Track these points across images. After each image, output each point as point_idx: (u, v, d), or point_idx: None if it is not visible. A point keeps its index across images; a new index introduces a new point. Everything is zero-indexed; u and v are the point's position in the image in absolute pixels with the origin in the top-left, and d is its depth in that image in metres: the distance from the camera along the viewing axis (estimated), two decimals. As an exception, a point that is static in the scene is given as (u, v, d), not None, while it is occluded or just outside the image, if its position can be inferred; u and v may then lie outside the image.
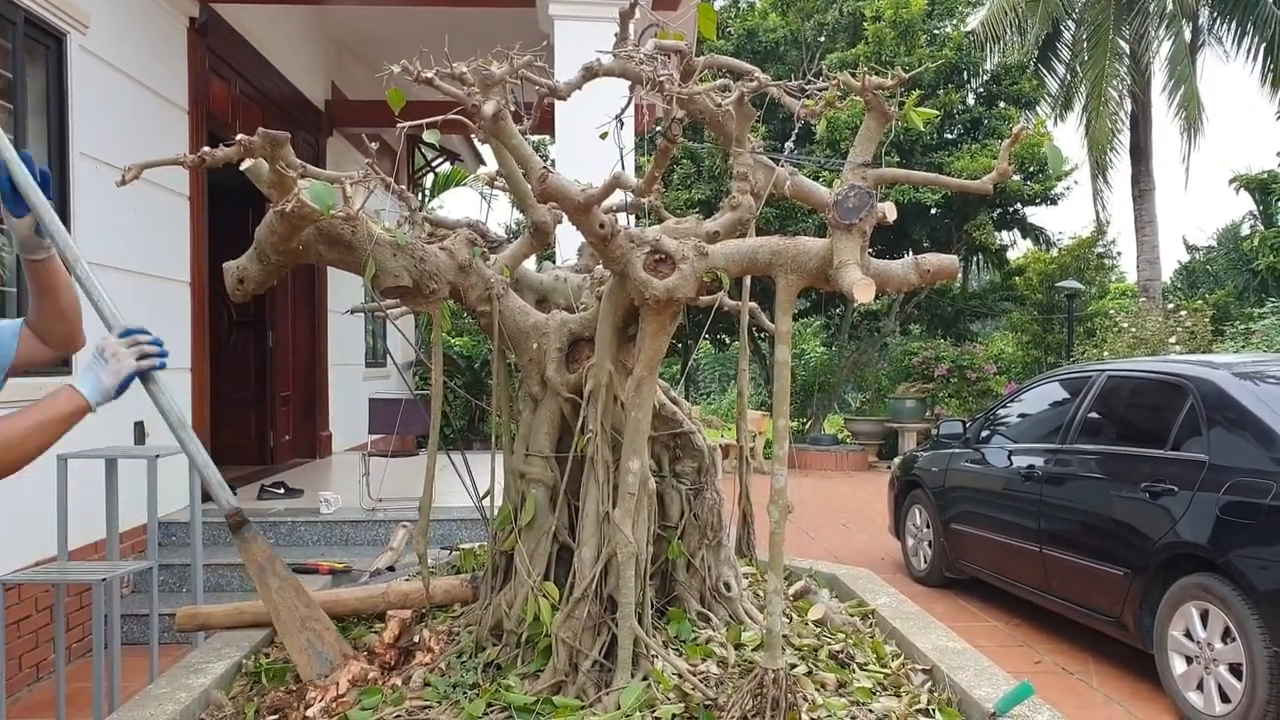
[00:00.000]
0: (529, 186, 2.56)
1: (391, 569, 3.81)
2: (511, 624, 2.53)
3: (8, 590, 3.82)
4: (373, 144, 2.68)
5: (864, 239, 2.10)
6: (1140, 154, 17.17)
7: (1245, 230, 20.48)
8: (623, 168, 2.59)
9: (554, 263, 3.69)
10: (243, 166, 2.27)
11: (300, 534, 5.71)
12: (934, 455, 6.62)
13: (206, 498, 5.96)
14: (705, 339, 15.77)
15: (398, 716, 2.26)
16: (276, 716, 2.41)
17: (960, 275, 15.94)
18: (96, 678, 3.55)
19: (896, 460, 7.79)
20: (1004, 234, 15.75)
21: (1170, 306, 13.20)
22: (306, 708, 2.40)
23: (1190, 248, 25.24)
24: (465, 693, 2.38)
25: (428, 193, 14.16)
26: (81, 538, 4.53)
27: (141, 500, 4.09)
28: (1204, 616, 3.97)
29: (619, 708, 2.18)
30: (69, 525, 3.87)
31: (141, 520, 4.28)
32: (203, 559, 4.59)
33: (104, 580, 3.58)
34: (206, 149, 2.29)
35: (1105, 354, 11.84)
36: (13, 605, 4.16)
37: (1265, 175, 15.20)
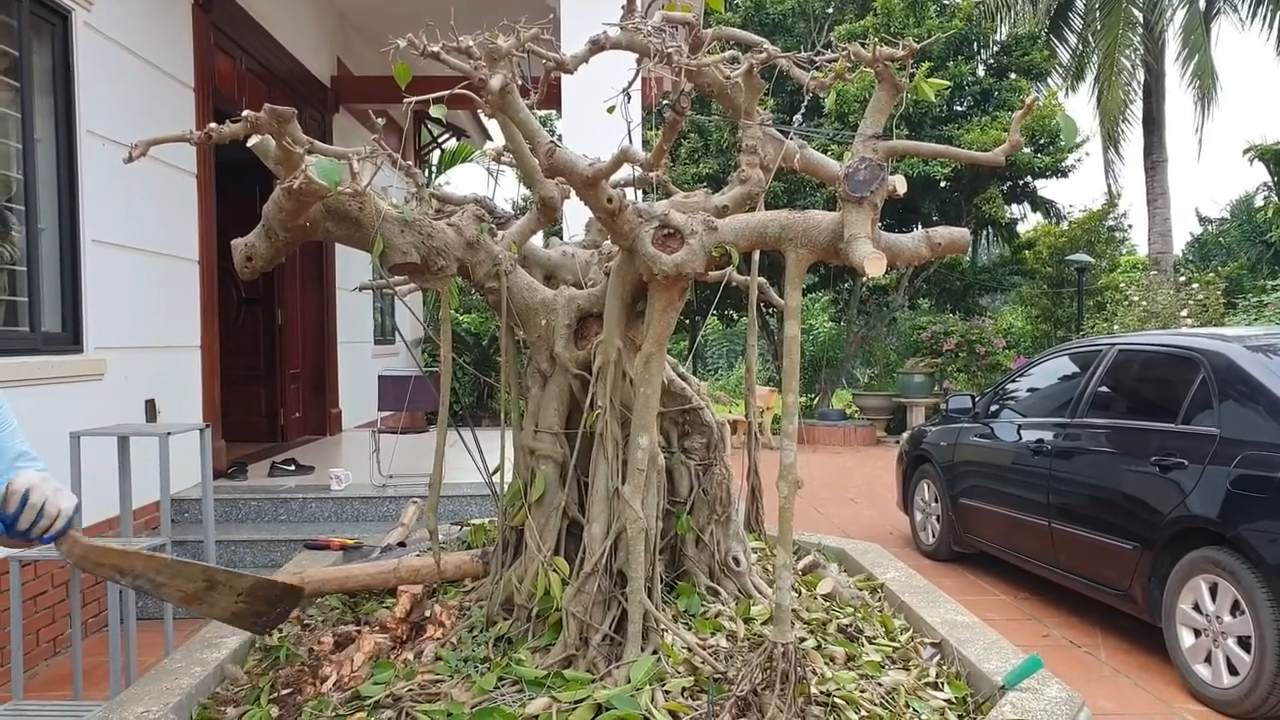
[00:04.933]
0: (536, 161, 2.54)
1: (402, 545, 3.83)
2: (522, 599, 2.55)
3: (25, 566, 3.86)
4: (379, 120, 2.66)
5: (875, 212, 2.08)
6: (1153, 125, 16.96)
7: (1259, 202, 20.30)
8: (630, 142, 2.57)
9: (561, 238, 3.68)
10: (249, 143, 2.26)
11: (311, 510, 5.75)
12: (943, 430, 6.61)
13: (218, 474, 6.07)
14: (713, 315, 15.73)
15: (410, 690, 2.28)
16: (291, 690, 2.44)
17: (970, 249, 15.82)
18: (113, 652, 3.59)
19: (905, 435, 7.78)
20: (1014, 207, 15.58)
21: (1182, 279, 13.10)
22: (321, 682, 2.43)
23: (1203, 220, 25.00)
24: (476, 666, 2.40)
25: (435, 169, 14.12)
26: (95, 515, 4.57)
27: (154, 477, 4.12)
28: (1213, 590, 3.98)
29: (629, 681, 2.19)
30: (83, 502, 3.89)
31: (155, 497, 4.31)
32: (215, 535, 4.64)
33: (118, 556, 3.61)
34: (213, 125, 2.28)
35: (1115, 327, 11.78)
36: (30, 581, 4.21)
37: (1280, 146, 15.01)
